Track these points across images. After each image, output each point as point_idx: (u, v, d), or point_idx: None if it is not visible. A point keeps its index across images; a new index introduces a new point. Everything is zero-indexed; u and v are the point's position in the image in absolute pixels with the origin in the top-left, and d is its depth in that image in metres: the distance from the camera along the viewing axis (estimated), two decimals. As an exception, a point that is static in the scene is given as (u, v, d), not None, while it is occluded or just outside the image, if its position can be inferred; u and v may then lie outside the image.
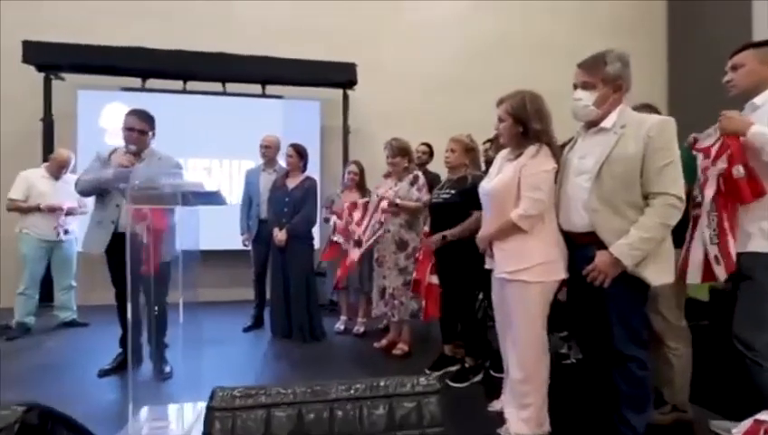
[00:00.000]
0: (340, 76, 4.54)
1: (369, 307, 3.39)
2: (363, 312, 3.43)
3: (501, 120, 1.83)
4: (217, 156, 4.44)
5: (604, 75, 1.55)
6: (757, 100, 1.68)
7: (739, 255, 1.64)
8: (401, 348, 2.93)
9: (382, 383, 1.43)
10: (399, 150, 2.93)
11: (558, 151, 1.75)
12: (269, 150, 3.53)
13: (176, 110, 4.18)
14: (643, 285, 1.53)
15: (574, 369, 2.66)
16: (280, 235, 3.11)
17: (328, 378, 2.40)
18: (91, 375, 2.53)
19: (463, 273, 2.47)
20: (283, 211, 3.15)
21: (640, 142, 1.46)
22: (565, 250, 1.75)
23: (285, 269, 3.17)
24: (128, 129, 2.39)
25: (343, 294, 3.53)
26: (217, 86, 4.47)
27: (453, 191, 2.50)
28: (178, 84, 4.36)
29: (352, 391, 1.38)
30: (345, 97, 4.68)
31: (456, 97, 5.04)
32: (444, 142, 2.70)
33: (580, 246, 1.64)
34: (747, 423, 1.13)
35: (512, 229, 1.75)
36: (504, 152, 1.94)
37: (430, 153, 3.92)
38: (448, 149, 2.59)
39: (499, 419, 1.95)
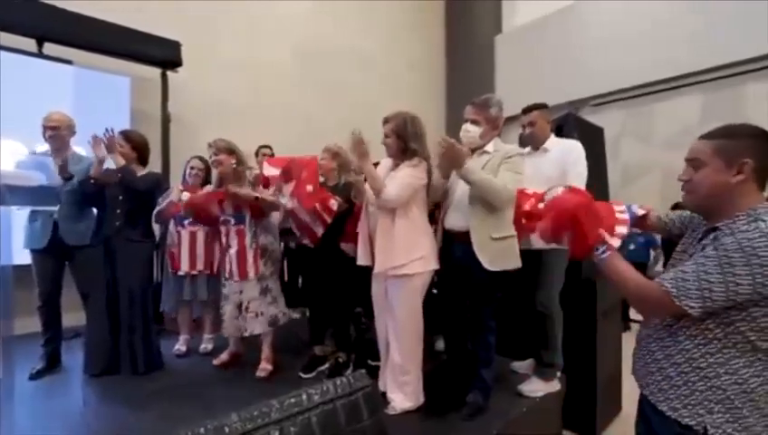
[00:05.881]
0: (159, 53, 3.83)
1: (217, 322, 3.03)
2: (212, 327, 3.03)
3: (387, 136, 2.12)
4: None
5: (487, 115, 2.04)
6: (547, 145, 2.41)
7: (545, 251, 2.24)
8: (265, 368, 2.62)
9: (324, 388, 1.44)
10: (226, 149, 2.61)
11: (430, 169, 2.14)
12: (59, 133, 2.57)
13: None
14: (500, 276, 2.00)
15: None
16: None
17: (195, 414, 2.06)
18: None
19: (335, 271, 2.58)
20: (116, 213, 2.50)
21: (501, 160, 1.99)
22: (435, 244, 2.13)
23: (113, 279, 2.52)
24: None
25: (185, 308, 3.01)
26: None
27: (338, 198, 2.57)
28: None
29: (296, 408, 1.35)
30: (164, 78, 3.98)
31: (295, 94, 5.04)
32: (282, 138, 2.72)
33: (459, 242, 2.05)
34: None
35: (375, 184, 2.01)
36: (387, 163, 2.22)
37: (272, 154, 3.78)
38: (321, 158, 2.69)
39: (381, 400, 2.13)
